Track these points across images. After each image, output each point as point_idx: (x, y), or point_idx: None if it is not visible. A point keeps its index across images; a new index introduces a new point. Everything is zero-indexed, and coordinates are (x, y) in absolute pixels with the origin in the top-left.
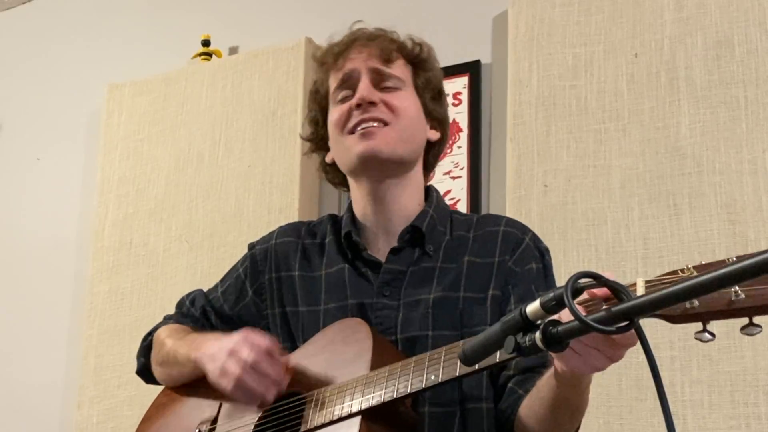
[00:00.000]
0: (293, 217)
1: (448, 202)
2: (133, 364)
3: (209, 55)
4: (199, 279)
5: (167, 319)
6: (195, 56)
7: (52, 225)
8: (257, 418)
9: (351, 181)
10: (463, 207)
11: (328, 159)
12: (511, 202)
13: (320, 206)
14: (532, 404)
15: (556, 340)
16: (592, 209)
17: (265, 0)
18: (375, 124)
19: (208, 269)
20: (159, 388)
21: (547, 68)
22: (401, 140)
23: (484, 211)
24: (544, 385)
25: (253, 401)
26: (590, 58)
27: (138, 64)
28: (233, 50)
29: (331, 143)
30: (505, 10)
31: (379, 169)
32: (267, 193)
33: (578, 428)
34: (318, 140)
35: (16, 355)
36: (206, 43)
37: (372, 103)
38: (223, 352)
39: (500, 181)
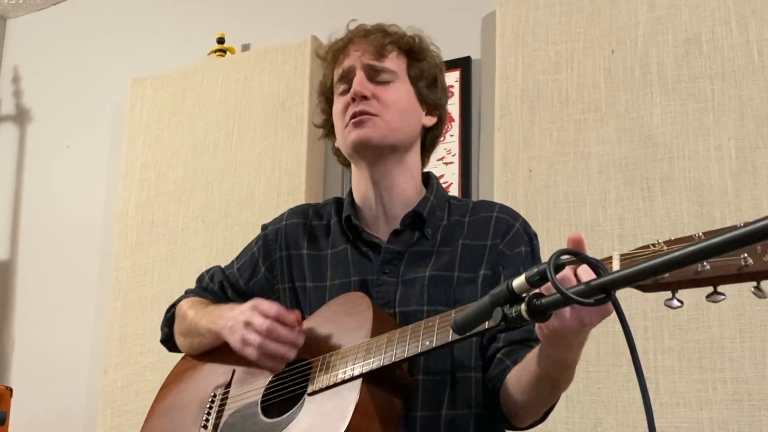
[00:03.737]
0: (300, 199)
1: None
2: (155, 333)
3: (224, 51)
4: (214, 255)
5: (188, 293)
6: (211, 53)
7: (80, 207)
8: (268, 382)
9: (352, 166)
10: (455, 190)
11: (336, 144)
12: (498, 185)
13: (325, 189)
14: (519, 376)
15: (540, 311)
16: (573, 192)
17: (274, 1)
18: (367, 116)
19: (223, 246)
20: (177, 359)
21: (531, 63)
22: (390, 129)
23: (474, 193)
24: (532, 358)
25: (275, 363)
26: (571, 54)
27: (159, 60)
28: (245, 47)
29: (335, 132)
30: (494, 10)
31: (372, 154)
32: (276, 177)
33: (556, 402)
34: (328, 127)
35: (48, 325)
36: (221, 40)
37: (364, 97)
38: (241, 323)
39: (489, 167)
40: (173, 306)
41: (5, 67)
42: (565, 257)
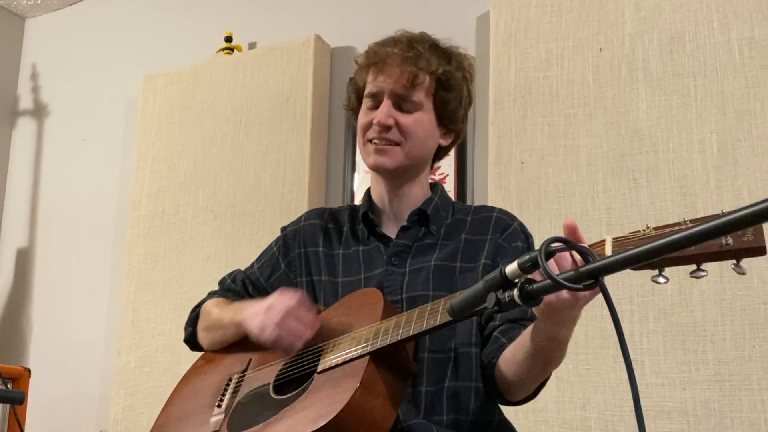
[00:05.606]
0: (304, 189)
1: (437, 177)
2: (166, 317)
3: (231, 49)
4: (222, 243)
5: (212, 294)
6: (219, 50)
7: (95, 197)
8: (281, 366)
9: (371, 172)
10: (450, 181)
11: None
12: (492, 177)
13: (327, 180)
14: (515, 351)
15: (531, 296)
16: (563, 183)
17: (279, 2)
18: (386, 144)
19: (230, 235)
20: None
21: (523, 61)
22: (407, 158)
23: (468, 184)
24: (527, 334)
25: (290, 341)
26: (561, 52)
27: (170, 58)
28: (252, 45)
29: (357, 138)
30: (487, 11)
31: (388, 175)
32: (281, 169)
33: (547, 379)
34: (352, 111)
35: (64, 309)
36: (229, 39)
37: (387, 128)
38: (262, 310)
39: (483, 159)
40: (197, 307)
41: (24, 65)
42: (555, 245)
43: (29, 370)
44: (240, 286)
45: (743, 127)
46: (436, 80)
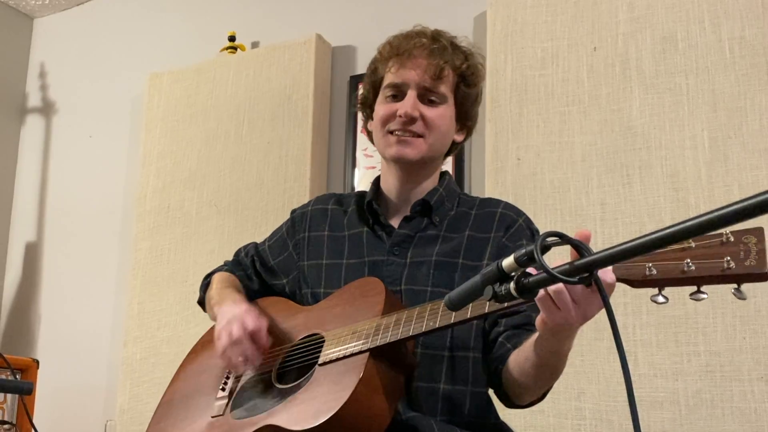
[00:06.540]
0: (306, 185)
1: None
2: (171, 309)
3: (235, 48)
4: (226, 238)
5: (225, 264)
6: (223, 50)
7: (101, 192)
8: (285, 352)
9: (383, 161)
10: None
11: (369, 126)
12: (489, 173)
13: (328, 176)
14: (519, 360)
15: (527, 289)
16: (558, 179)
17: (282, 2)
18: (410, 136)
19: (234, 229)
20: (192, 333)
21: (519, 60)
22: (430, 150)
23: (466, 180)
24: (530, 347)
25: (236, 368)
26: (556, 51)
27: (174, 57)
28: (255, 44)
29: (373, 127)
30: (485, 11)
31: (408, 167)
32: (283, 165)
33: (551, 386)
34: (366, 107)
35: (72, 302)
36: (232, 38)
37: (413, 119)
38: (222, 327)
39: (480, 155)
40: (211, 274)
41: (32, 63)
42: (551, 239)
43: (37, 361)
44: (249, 262)
45: (734, 124)
46: (460, 75)
